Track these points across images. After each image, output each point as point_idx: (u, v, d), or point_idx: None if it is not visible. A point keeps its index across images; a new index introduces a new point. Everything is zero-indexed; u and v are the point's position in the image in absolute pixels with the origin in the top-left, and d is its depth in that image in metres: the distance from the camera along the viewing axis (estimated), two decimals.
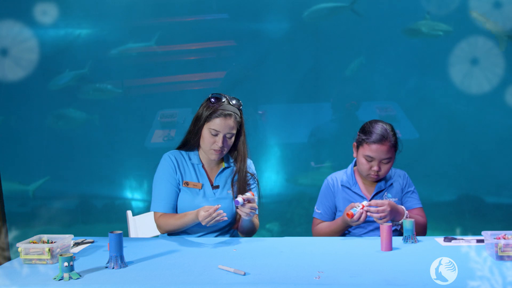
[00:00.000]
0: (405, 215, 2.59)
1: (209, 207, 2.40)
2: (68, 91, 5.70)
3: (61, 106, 5.71)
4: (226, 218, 2.42)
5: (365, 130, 2.68)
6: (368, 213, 2.50)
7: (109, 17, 5.66)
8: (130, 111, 5.84)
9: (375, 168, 2.64)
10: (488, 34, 5.31)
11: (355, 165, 2.81)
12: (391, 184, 2.76)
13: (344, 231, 2.70)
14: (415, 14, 5.56)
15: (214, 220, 2.38)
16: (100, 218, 5.76)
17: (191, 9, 5.73)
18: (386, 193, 2.74)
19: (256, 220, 2.71)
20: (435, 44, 5.57)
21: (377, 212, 2.49)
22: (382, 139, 2.61)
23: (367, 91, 5.75)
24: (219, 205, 2.41)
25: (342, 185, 2.77)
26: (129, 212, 2.92)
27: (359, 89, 5.75)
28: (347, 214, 2.49)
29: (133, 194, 5.86)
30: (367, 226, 2.69)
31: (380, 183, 2.74)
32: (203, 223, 2.39)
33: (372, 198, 2.72)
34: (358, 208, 2.51)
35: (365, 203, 2.53)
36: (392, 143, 2.65)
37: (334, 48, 5.79)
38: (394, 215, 2.55)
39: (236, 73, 5.79)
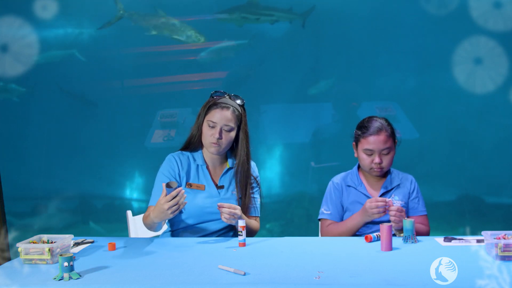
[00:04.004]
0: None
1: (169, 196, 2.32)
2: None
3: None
4: (185, 202, 2.36)
5: (361, 126, 2.71)
6: (389, 209, 2.49)
7: (108, 17, 5.65)
8: (130, 111, 5.84)
9: (377, 160, 2.65)
10: (489, 34, 5.30)
11: (359, 166, 2.81)
12: (398, 185, 2.75)
13: (360, 227, 2.66)
14: (414, 14, 5.56)
15: (177, 205, 2.31)
16: (100, 218, 5.76)
17: (191, 9, 5.72)
18: (393, 195, 2.73)
19: (254, 223, 2.71)
20: (435, 44, 5.57)
21: (397, 212, 2.48)
22: (378, 130, 2.64)
23: (367, 91, 5.75)
24: (181, 188, 2.35)
25: (347, 185, 2.77)
26: (129, 212, 2.92)
27: (359, 89, 5.75)
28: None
29: (133, 194, 5.86)
30: (371, 226, 2.68)
31: (386, 183, 2.74)
32: (169, 211, 2.31)
33: None
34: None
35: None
36: (389, 133, 2.66)
37: (334, 48, 5.79)
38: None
39: (236, 73, 5.79)
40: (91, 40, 5.75)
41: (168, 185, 2.31)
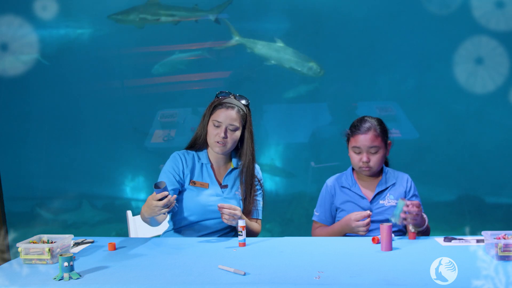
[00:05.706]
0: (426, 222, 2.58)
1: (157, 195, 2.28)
2: None
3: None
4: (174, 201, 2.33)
5: (352, 125, 2.74)
6: (405, 211, 2.46)
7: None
8: (130, 111, 5.84)
9: (364, 159, 2.66)
10: (489, 33, 5.30)
11: None
12: (393, 184, 2.75)
13: (344, 235, 2.68)
14: (414, 13, 5.55)
15: (167, 205, 2.28)
16: (100, 218, 5.76)
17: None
18: (388, 194, 2.73)
19: (256, 225, 2.72)
20: (435, 44, 5.56)
21: (414, 210, 2.45)
22: (366, 129, 2.66)
23: (367, 91, 5.75)
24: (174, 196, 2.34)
25: (341, 186, 2.78)
26: (129, 212, 2.93)
27: (359, 89, 5.75)
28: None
29: (133, 194, 5.86)
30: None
31: (381, 183, 2.74)
32: (156, 208, 2.29)
33: (373, 199, 2.72)
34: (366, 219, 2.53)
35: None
36: (377, 132, 2.67)
37: (334, 48, 5.78)
38: (420, 220, 2.53)
39: (236, 74, 5.79)
40: (91, 40, 5.75)
41: (156, 186, 2.28)
